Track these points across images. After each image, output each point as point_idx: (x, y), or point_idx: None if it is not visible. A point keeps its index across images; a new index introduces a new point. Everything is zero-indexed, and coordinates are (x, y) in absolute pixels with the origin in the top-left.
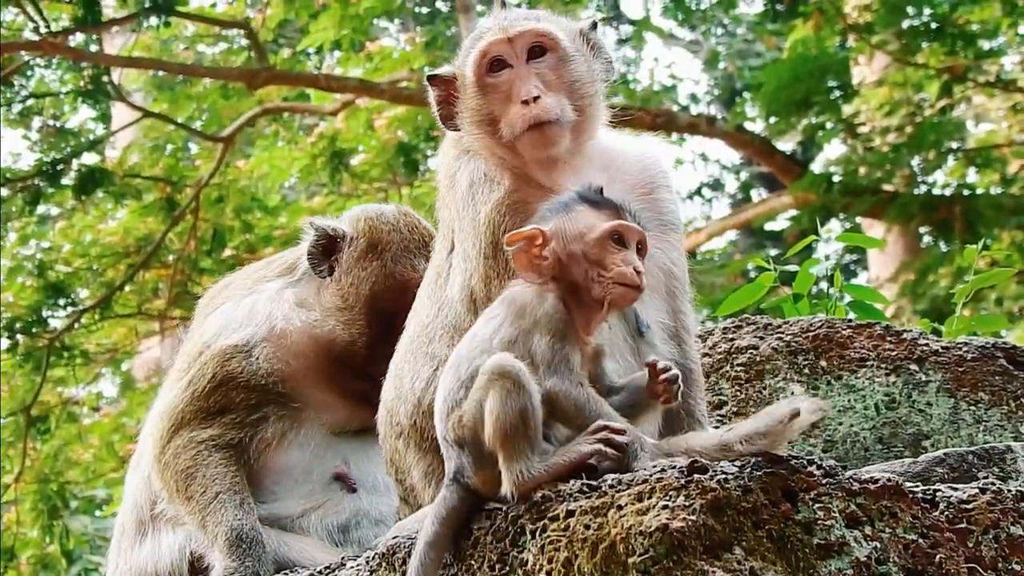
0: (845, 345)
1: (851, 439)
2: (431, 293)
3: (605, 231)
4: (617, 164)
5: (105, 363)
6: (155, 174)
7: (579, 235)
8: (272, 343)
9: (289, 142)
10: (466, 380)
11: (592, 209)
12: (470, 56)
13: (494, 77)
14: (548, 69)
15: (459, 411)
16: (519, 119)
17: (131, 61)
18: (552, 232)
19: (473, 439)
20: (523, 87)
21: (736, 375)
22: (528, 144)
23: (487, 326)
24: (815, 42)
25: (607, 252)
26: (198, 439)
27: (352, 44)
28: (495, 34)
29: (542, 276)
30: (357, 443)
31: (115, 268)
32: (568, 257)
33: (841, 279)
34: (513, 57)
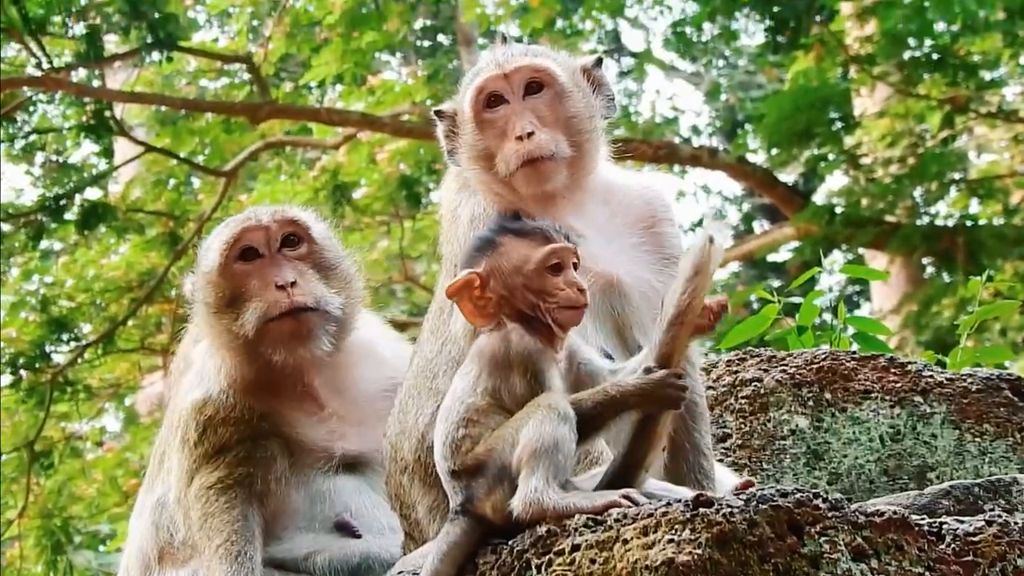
0: (849, 377)
1: (856, 471)
2: (435, 328)
3: (541, 260)
4: (618, 198)
5: (108, 398)
6: (158, 209)
7: (515, 269)
8: (227, 388)
9: (291, 176)
10: (461, 420)
11: (519, 239)
12: (467, 92)
13: (491, 113)
14: (544, 105)
15: (467, 443)
16: (513, 155)
17: (133, 96)
18: (487, 272)
19: (493, 460)
20: (518, 123)
21: (740, 408)
22: (522, 180)
23: (464, 380)
24: (816, 73)
25: (547, 279)
26: (207, 484)
27: (354, 78)
28: (491, 70)
29: (491, 318)
30: (358, 484)
31: (118, 303)
32: (510, 292)
33: (844, 311)
34: (509, 93)
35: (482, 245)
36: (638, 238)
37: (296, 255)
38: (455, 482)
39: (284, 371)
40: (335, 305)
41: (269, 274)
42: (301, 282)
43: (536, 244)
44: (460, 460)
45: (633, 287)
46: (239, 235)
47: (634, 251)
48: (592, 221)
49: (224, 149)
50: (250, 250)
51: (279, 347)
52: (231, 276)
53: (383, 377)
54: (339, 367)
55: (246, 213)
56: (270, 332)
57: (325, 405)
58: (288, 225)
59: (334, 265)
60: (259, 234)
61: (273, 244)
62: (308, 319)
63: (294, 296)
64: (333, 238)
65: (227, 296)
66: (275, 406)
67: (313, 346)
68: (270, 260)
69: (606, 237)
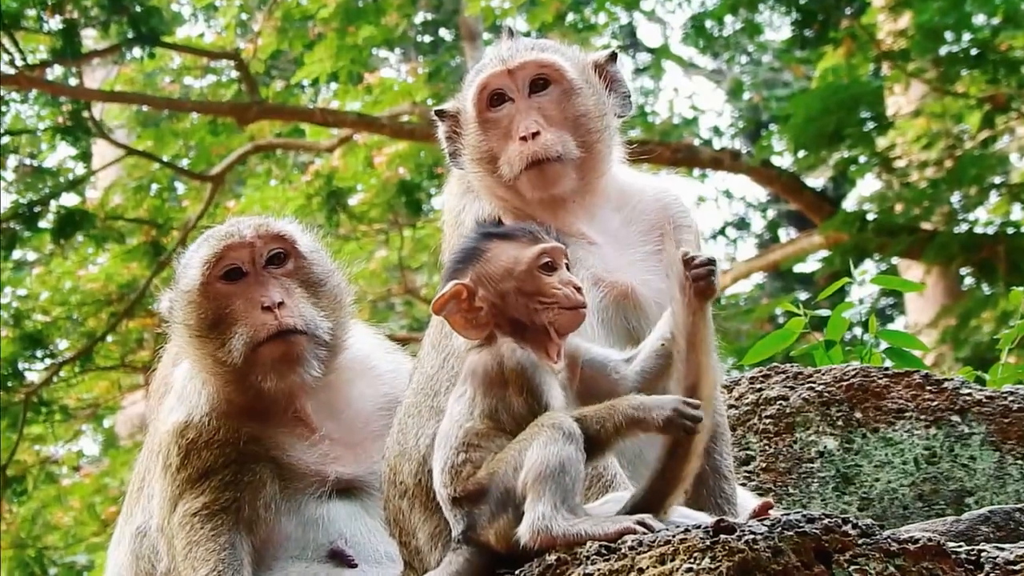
0: (882, 395)
1: (889, 496)
2: (436, 342)
3: (532, 259)
4: (633, 203)
5: (86, 419)
6: (139, 216)
7: (506, 273)
8: (208, 412)
9: (282, 181)
10: (460, 445)
11: (505, 242)
12: (470, 90)
13: (494, 112)
14: (551, 103)
15: (467, 468)
16: (517, 157)
17: (113, 95)
18: (475, 280)
19: (496, 485)
20: (522, 122)
21: (764, 428)
22: (528, 184)
23: (460, 404)
24: (847, 70)
25: (540, 280)
26: (191, 511)
27: (350, 76)
28: (495, 66)
29: (483, 329)
30: (354, 509)
31: (96, 317)
32: (502, 299)
33: (876, 324)
34: (514, 90)
35: (466, 255)
36: (654, 245)
37: (283, 272)
38: (456, 509)
39: (273, 397)
40: (324, 328)
41: (255, 294)
42: (289, 302)
43: (524, 244)
44: (461, 486)
45: (649, 298)
46: (222, 253)
47: (650, 259)
48: (605, 227)
49: (210, 152)
50: (234, 269)
51: (269, 373)
52: (214, 297)
53: (379, 394)
54: (331, 386)
55: (228, 227)
56: (259, 358)
57: (317, 426)
58: (274, 241)
59: (323, 280)
60: (243, 252)
61: (258, 261)
62: (297, 342)
63: (282, 318)
64: (321, 251)
65: (210, 318)
66: (263, 428)
67: (303, 371)
68: (255, 279)
69: (620, 244)
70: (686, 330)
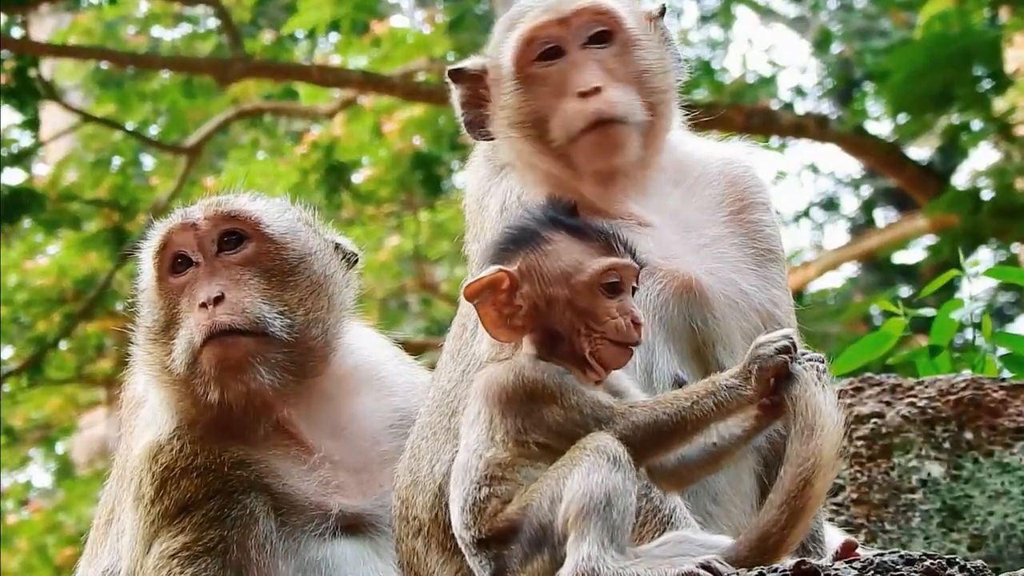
0: (997, 412)
1: (1005, 532)
2: (456, 351)
3: (597, 273)
4: (695, 175)
5: (35, 443)
6: (98, 196)
7: (562, 276)
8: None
9: (272, 153)
10: (482, 478)
11: (573, 239)
12: (509, 41)
13: (543, 67)
14: (611, 56)
15: (493, 503)
16: (577, 116)
17: (66, 49)
18: (523, 272)
19: (530, 521)
20: (580, 76)
21: (856, 451)
22: (588, 149)
23: (476, 429)
24: (957, 17)
25: (599, 299)
26: (169, 553)
27: (353, 25)
28: (543, 13)
29: (516, 332)
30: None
31: (47, 319)
32: (548, 304)
33: (992, 326)
34: (567, 42)
35: (522, 236)
36: (723, 227)
37: (239, 259)
38: (482, 553)
39: (235, 409)
40: (280, 326)
41: (198, 288)
42: (231, 295)
43: (595, 251)
44: (487, 524)
45: (717, 291)
46: (166, 240)
47: (718, 244)
48: (661, 205)
49: (185, 119)
50: (181, 257)
51: (209, 382)
52: (166, 293)
53: (389, 409)
54: (330, 398)
55: (179, 210)
56: (198, 365)
57: (315, 446)
58: (225, 221)
59: (294, 268)
60: (187, 235)
61: (208, 247)
62: (235, 344)
63: (215, 316)
64: (300, 232)
65: (162, 320)
66: (250, 450)
67: (248, 379)
68: (206, 268)
69: (680, 226)
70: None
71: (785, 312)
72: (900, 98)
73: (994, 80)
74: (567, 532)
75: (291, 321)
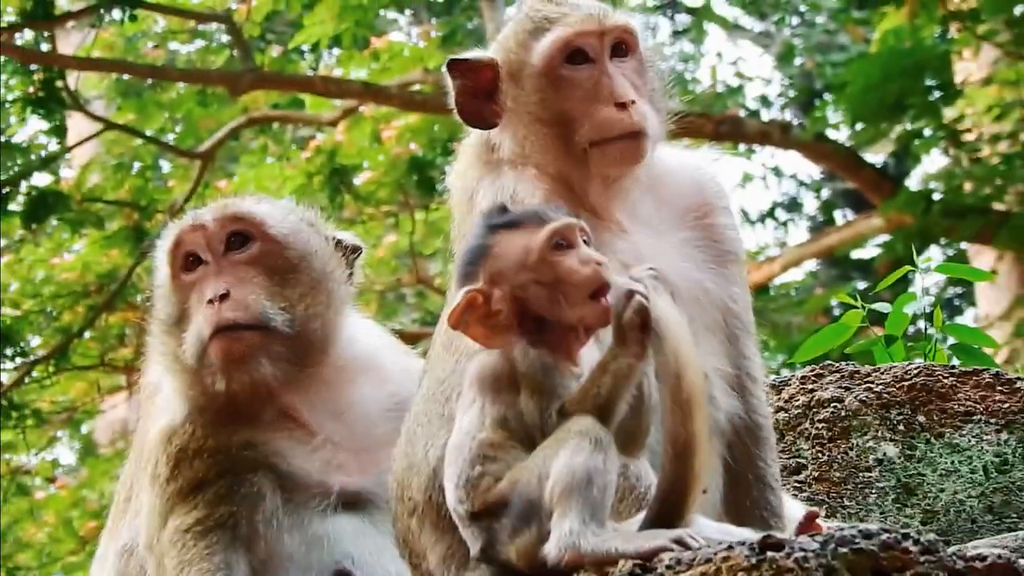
0: (947, 397)
1: (955, 508)
2: (448, 342)
3: (543, 244)
4: (665, 183)
5: (61, 425)
6: (119, 198)
7: (519, 266)
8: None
9: (280, 158)
10: (475, 457)
11: (512, 231)
12: (542, 41)
13: (573, 70)
14: (632, 72)
15: (486, 480)
16: (615, 123)
17: (90, 62)
18: (489, 282)
19: (519, 496)
20: (618, 88)
21: (817, 433)
22: (615, 155)
23: (470, 414)
24: (909, 33)
25: (557, 264)
26: (183, 527)
27: (355, 40)
28: (584, 22)
29: (506, 334)
30: (360, 525)
31: (73, 311)
32: (522, 295)
33: (943, 318)
34: (597, 51)
35: (474, 255)
36: (689, 231)
37: (245, 258)
38: (474, 525)
39: (241, 397)
40: (282, 320)
41: (206, 286)
42: (236, 292)
43: (533, 229)
44: (480, 500)
45: (683, 287)
46: (178, 240)
47: (684, 247)
48: (636, 212)
49: (199, 126)
50: (192, 256)
51: (216, 374)
52: (178, 289)
53: (385, 394)
54: (330, 384)
55: (190, 212)
56: (206, 358)
57: (317, 430)
58: (232, 222)
59: (295, 266)
60: (197, 236)
61: (216, 247)
62: (240, 338)
63: (221, 312)
64: (302, 232)
65: (175, 314)
66: (256, 432)
67: (254, 370)
68: (214, 267)
69: (652, 231)
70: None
71: (743, 308)
72: (857, 107)
73: (944, 91)
74: (552, 508)
75: (292, 316)
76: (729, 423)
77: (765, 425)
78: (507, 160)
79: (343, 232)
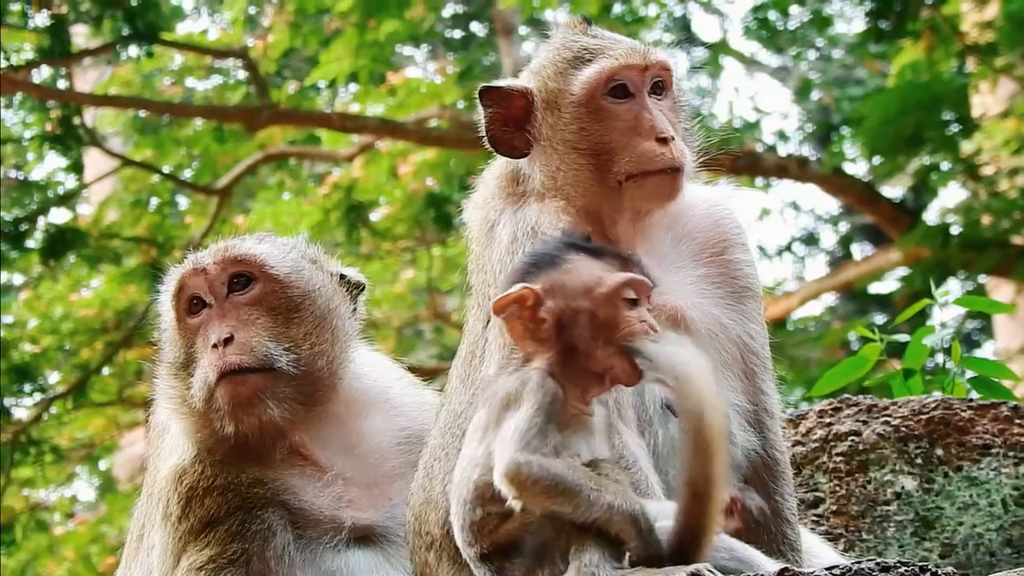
0: (966, 430)
1: (974, 541)
2: (465, 375)
3: (617, 285)
4: (683, 220)
5: (80, 461)
6: (137, 234)
7: (584, 290)
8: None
9: (297, 193)
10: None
11: (591, 259)
12: (585, 72)
13: (615, 104)
14: (668, 110)
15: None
16: (656, 158)
17: (107, 99)
18: (547, 289)
19: (532, 536)
20: (659, 123)
21: (835, 467)
22: (652, 189)
23: (473, 439)
24: (927, 66)
25: (619, 310)
26: (196, 565)
27: (371, 76)
28: (628, 56)
29: (541, 345)
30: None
31: (90, 347)
32: (571, 317)
33: (961, 351)
34: (638, 86)
35: (541, 260)
36: (706, 267)
37: (248, 299)
38: (485, 566)
39: (251, 438)
40: (287, 361)
41: (210, 329)
42: (240, 335)
43: (613, 267)
44: (487, 541)
45: (700, 324)
46: (180, 284)
47: (701, 283)
48: (655, 248)
49: (216, 162)
50: (196, 300)
51: (225, 417)
52: (184, 333)
53: (395, 428)
54: (340, 420)
55: (191, 256)
56: (214, 402)
57: (328, 465)
58: (233, 264)
59: (298, 305)
60: (199, 279)
61: (218, 289)
62: (246, 382)
63: (226, 356)
64: (303, 270)
65: (182, 357)
66: (266, 470)
67: (259, 412)
68: (217, 310)
69: (671, 267)
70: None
71: (760, 344)
72: (875, 141)
73: (961, 124)
74: (569, 544)
75: (297, 355)
76: (746, 458)
77: (782, 460)
78: (533, 191)
79: (347, 268)
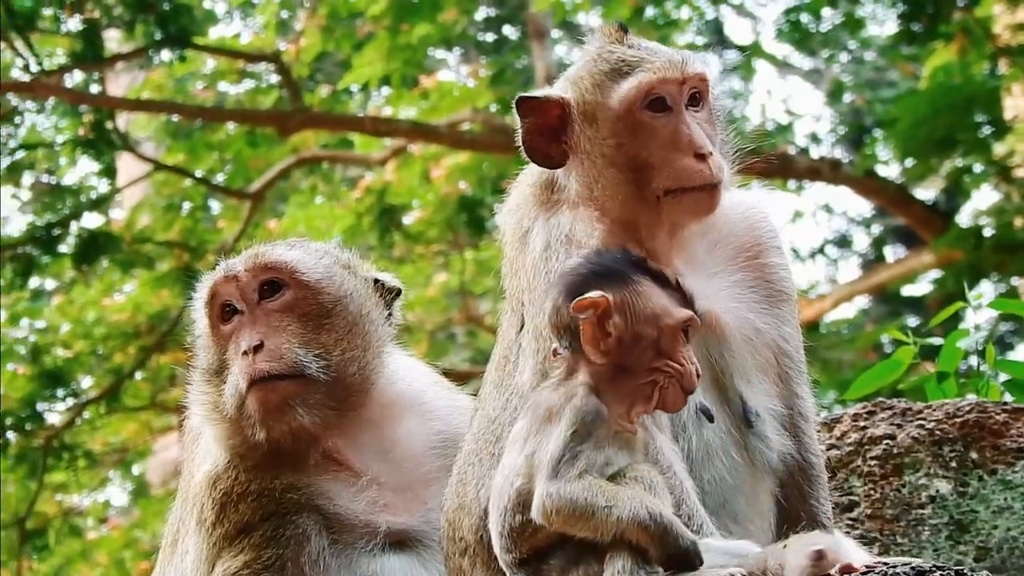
0: (1000, 433)
1: (1008, 545)
2: (499, 381)
3: (681, 320)
4: (718, 225)
5: (113, 465)
6: (169, 238)
7: (653, 318)
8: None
9: (329, 197)
10: (516, 506)
11: (660, 288)
12: (623, 85)
13: (650, 115)
14: (705, 123)
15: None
16: (695, 174)
17: (139, 104)
18: (617, 304)
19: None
20: (697, 138)
21: (869, 470)
22: (690, 205)
23: (514, 449)
24: (959, 69)
25: (680, 344)
26: (231, 571)
27: (403, 80)
28: (667, 69)
29: (604, 356)
30: (409, 565)
31: (123, 352)
32: (633, 339)
33: (995, 354)
34: (676, 100)
35: (609, 273)
36: (741, 272)
37: (278, 306)
38: (522, 572)
39: (283, 444)
40: (318, 367)
41: (241, 336)
42: (270, 342)
43: (677, 301)
44: (526, 546)
45: (734, 329)
46: (212, 291)
47: (736, 288)
48: (691, 254)
49: (248, 166)
50: (228, 306)
51: (255, 425)
52: (216, 340)
53: (430, 432)
54: (374, 424)
55: (223, 263)
56: (244, 408)
57: (362, 469)
58: (263, 271)
59: (330, 311)
60: (231, 286)
61: (249, 296)
62: (277, 389)
63: (256, 363)
64: (335, 276)
65: (214, 364)
66: (300, 476)
67: (290, 419)
68: (249, 317)
69: (705, 272)
70: None
71: (795, 347)
72: (907, 143)
73: (994, 126)
74: (604, 549)
75: (328, 362)
76: (781, 462)
77: (817, 464)
78: (567, 200)
79: (382, 273)
